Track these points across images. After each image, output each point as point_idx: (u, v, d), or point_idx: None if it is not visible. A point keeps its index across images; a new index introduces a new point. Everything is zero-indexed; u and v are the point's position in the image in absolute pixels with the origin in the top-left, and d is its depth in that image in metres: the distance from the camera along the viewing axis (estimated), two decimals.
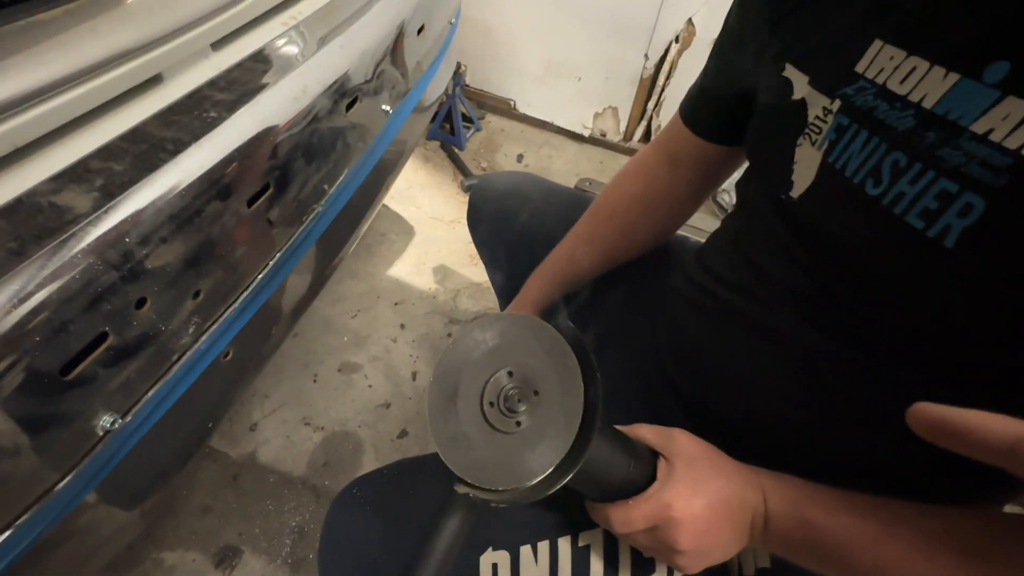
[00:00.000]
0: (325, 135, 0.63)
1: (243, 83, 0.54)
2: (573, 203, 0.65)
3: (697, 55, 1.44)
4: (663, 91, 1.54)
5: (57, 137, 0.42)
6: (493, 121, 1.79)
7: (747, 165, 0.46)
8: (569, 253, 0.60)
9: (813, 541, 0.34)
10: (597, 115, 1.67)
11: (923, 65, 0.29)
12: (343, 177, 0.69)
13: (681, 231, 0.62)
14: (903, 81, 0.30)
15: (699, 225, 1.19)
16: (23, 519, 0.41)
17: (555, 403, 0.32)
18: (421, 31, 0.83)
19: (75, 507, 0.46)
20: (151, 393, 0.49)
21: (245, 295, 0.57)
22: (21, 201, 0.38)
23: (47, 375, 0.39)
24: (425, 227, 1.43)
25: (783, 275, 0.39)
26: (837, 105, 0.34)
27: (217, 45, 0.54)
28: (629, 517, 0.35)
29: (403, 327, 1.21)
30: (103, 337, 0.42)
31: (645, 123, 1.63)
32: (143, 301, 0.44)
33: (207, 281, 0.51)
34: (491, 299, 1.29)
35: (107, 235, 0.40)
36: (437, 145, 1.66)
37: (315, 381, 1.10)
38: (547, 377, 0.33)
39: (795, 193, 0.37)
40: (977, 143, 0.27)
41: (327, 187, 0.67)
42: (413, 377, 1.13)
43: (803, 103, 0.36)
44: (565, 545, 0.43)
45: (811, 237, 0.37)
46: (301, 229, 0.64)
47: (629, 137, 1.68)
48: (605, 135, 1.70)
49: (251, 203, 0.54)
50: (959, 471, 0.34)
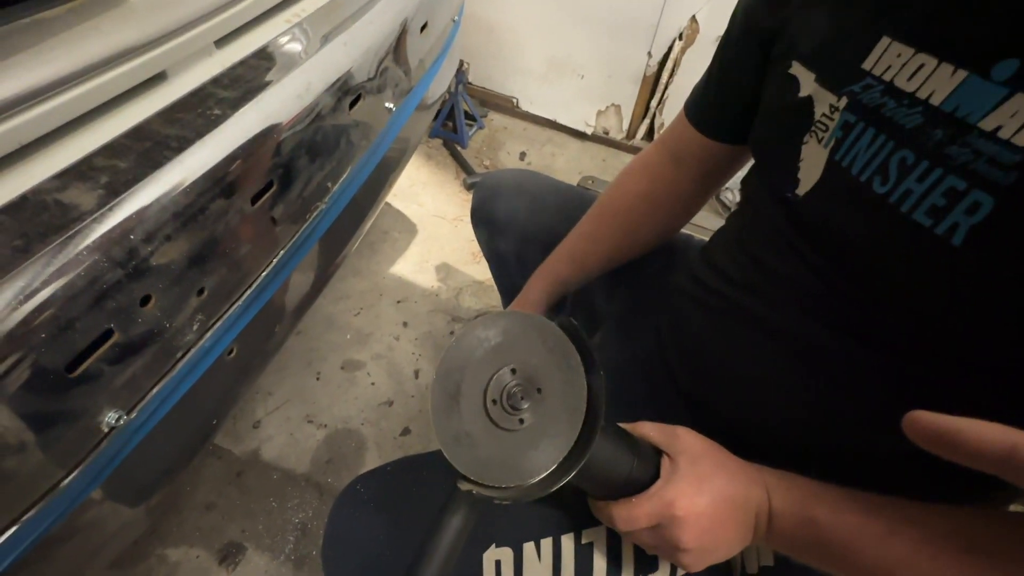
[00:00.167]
0: (328, 133, 0.63)
1: (247, 80, 0.54)
2: (576, 201, 0.65)
3: (701, 53, 1.44)
4: (666, 89, 1.53)
5: (62, 135, 0.42)
6: (496, 119, 1.78)
7: (752, 163, 0.46)
8: (572, 251, 0.60)
9: (818, 540, 0.33)
10: (600, 113, 1.66)
11: (931, 62, 0.29)
12: (346, 175, 0.69)
13: (684, 230, 0.62)
14: (911, 78, 0.30)
15: (703, 224, 1.18)
16: (29, 515, 0.41)
17: (558, 401, 0.32)
18: (424, 28, 0.82)
19: (81, 503, 0.46)
20: (156, 390, 0.49)
21: (249, 292, 0.57)
22: (26, 198, 0.38)
23: (53, 372, 0.39)
24: (428, 225, 1.44)
25: (788, 273, 0.39)
26: (844, 102, 0.34)
27: (221, 43, 0.54)
28: (632, 515, 0.35)
29: (406, 325, 1.21)
30: (108, 334, 0.42)
31: (648, 121, 1.63)
32: (148, 298, 0.45)
33: (211, 278, 0.51)
34: (494, 297, 1.29)
35: (112, 232, 0.40)
36: (440, 143, 1.66)
37: (318, 379, 1.10)
38: (550, 375, 0.33)
39: (801, 191, 0.37)
40: (985, 140, 0.27)
41: (330, 185, 0.67)
42: (416, 375, 1.13)
43: (809, 100, 0.36)
44: (568, 542, 0.43)
45: (817, 235, 0.37)
46: (305, 227, 0.64)
47: (632, 135, 1.68)
48: (608, 133, 1.70)
49: (255, 201, 0.54)
50: (964, 470, 0.33)
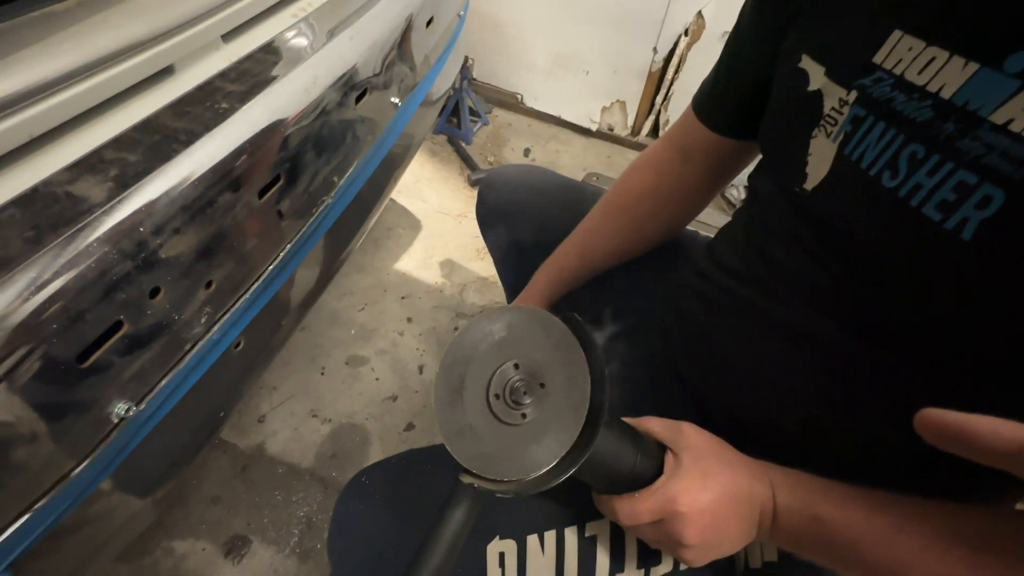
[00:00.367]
0: (335, 127, 0.63)
1: (254, 75, 0.54)
2: (582, 196, 0.65)
3: (706, 49, 1.43)
4: (672, 85, 1.53)
5: (72, 127, 0.42)
6: (500, 115, 1.78)
7: (760, 158, 0.46)
8: (578, 247, 0.60)
9: (823, 537, 0.33)
10: (605, 109, 1.66)
11: (942, 55, 0.29)
12: (352, 169, 0.69)
13: (690, 226, 0.62)
14: (921, 71, 0.30)
15: (708, 220, 1.18)
16: (40, 504, 0.41)
17: (561, 396, 0.32)
18: (430, 24, 0.82)
19: (90, 494, 0.47)
20: (165, 381, 0.49)
21: (256, 286, 0.58)
22: (37, 190, 0.38)
23: (64, 362, 0.39)
24: (432, 221, 1.44)
25: (796, 267, 0.39)
26: (853, 96, 0.33)
27: (228, 37, 0.54)
28: (635, 510, 0.35)
29: (410, 321, 1.22)
30: (118, 325, 0.43)
31: (653, 117, 1.62)
32: (157, 290, 0.45)
33: (219, 271, 0.52)
34: (498, 293, 1.29)
35: (122, 224, 0.41)
36: (444, 139, 1.66)
37: (323, 374, 1.11)
38: (553, 370, 0.33)
39: (809, 185, 0.37)
40: (997, 134, 0.27)
41: (337, 179, 0.67)
42: (420, 370, 1.13)
43: (819, 94, 0.36)
44: (572, 535, 0.43)
45: (825, 229, 0.36)
46: (311, 221, 0.64)
47: (637, 131, 1.67)
48: (613, 129, 1.69)
49: (262, 194, 0.54)
50: (972, 467, 0.33)
